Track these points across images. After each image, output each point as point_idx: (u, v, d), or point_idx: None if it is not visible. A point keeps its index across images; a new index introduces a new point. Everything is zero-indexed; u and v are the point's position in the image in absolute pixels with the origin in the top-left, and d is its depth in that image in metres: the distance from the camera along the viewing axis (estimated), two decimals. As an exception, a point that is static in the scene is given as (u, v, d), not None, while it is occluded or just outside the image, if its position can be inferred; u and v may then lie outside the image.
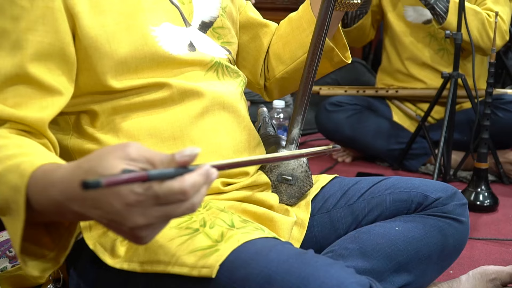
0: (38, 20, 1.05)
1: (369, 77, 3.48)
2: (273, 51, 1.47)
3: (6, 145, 0.95)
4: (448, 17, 2.49)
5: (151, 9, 1.17)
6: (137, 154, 0.78)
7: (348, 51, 1.46)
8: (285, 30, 1.45)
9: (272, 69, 1.48)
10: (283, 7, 3.62)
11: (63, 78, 1.08)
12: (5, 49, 1.04)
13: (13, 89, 1.04)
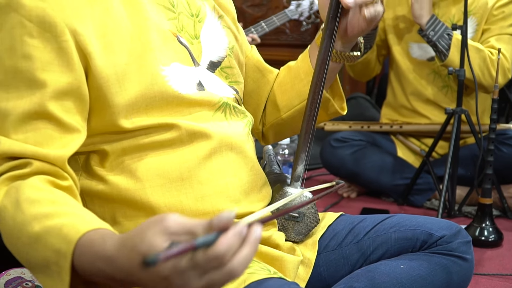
0: (53, 61, 1.06)
1: (373, 112, 3.50)
2: (271, 98, 1.50)
3: (39, 200, 0.96)
4: (450, 54, 2.52)
5: (161, 49, 1.19)
6: (177, 227, 0.79)
7: (344, 102, 1.48)
8: (284, 79, 1.48)
9: (268, 115, 1.50)
10: (287, 44, 3.66)
11: (79, 116, 1.10)
12: (20, 89, 1.05)
13: (33, 128, 1.05)
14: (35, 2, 1.06)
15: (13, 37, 1.05)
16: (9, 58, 1.05)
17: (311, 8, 3.07)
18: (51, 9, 1.07)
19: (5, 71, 1.05)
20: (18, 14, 1.06)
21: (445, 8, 2.74)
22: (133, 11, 1.18)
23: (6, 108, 1.05)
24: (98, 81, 1.11)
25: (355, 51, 1.42)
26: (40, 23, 1.06)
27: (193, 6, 1.30)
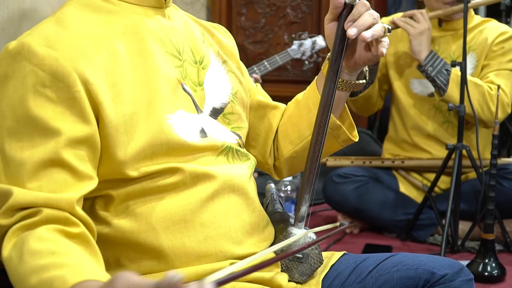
0: (65, 111, 1.08)
1: (375, 147, 3.52)
2: (282, 131, 1.51)
3: (40, 251, 0.98)
4: (449, 89, 2.55)
5: (167, 97, 1.21)
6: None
7: (355, 130, 1.49)
8: (293, 111, 1.49)
9: (281, 149, 1.51)
10: (289, 80, 3.69)
11: (91, 164, 1.12)
12: (34, 137, 1.07)
13: (48, 176, 1.07)
14: (48, 51, 1.09)
15: (25, 86, 1.07)
16: (22, 107, 1.07)
17: (313, 47, 3.11)
18: (63, 59, 1.09)
19: (18, 120, 1.07)
20: (30, 63, 1.08)
21: (445, 45, 2.78)
22: (142, 61, 1.20)
23: (22, 158, 1.06)
24: (107, 130, 1.12)
25: (360, 79, 1.43)
26: (52, 72, 1.08)
27: (197, 54, 1.32)
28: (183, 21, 1.36)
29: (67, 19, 1.18)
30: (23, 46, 1.10)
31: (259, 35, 3.74)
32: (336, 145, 1.50)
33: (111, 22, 1.22)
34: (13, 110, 1.08)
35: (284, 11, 3.64)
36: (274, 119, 1.52)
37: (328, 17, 1.35)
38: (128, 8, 1.25)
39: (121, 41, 1.20)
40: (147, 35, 1.24)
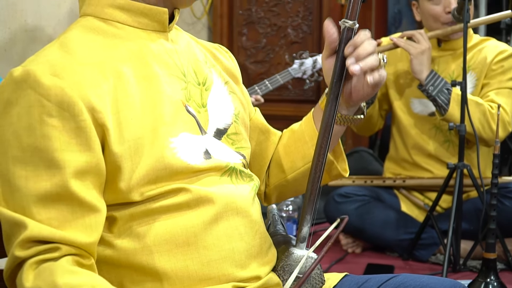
0: (71, 141, 1.08)
1: (376, 165, 3.52)
2: (275, 160, 1.51)
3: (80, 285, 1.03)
4: (450, 108, 2.56)
5: (171, 121, 1.21)
6: None
7: (346, 164, 1.50)
8: (288, 141, 1.49)
9: (272, 177, 1.51)
10: (290, 99, 3.70)
11: (97, 192, 1.13)
12: (39, 167, 1.07)
13: (56, 208, 1.08)
14: (53, 80, 1.09)
15: (31, 116, 1.08)
16: (28, 137, 1.07)
17: (314, 66, 3.12)
18: (69, 88, 1.09)
19: (23, 149, 1.08)
20: (36, 93, 1.08)
21: (445, 64, 2.79)
22: (148, 85, 1.21)
23: (27, 187, 1.07)
24: (112, 157, 1.13)
25: (358, 115, 1.43)
26: (58, 102, 1.08)
27: (200, 75, 1.33)
28: (186, 43, 1.37)
29: (72, 44, 1.19)
30: (29, 74, 1.10)
31: (260, 55, 3.76)
32: (326, 179, 1.50)
33: (116, 47, 1.22)
34: (19, 139, 1.08)
35: (285, 31, 3.67)
36: (270, 147, 1.52)
37: (325, 53, 1.34)
38: (132, 32, 1.25)
39: (127, 65, 1.20)
40: (152, 59, 1.24)
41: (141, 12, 1.26)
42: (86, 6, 1.27)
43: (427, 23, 2.78)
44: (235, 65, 1.48)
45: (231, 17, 3.81)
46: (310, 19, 3.59)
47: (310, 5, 3.58)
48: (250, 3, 3.75)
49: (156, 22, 1.27)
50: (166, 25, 1.29)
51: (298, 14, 3.62)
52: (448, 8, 2.66)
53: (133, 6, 1.25)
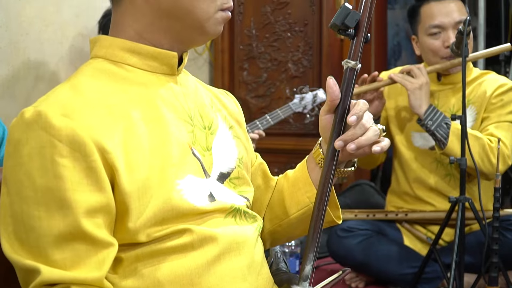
0: (82, 181, 1.10)
1: (378, 198, 3.52)
2: (270, 205, 1.52)
3: None
4: (449, 142, 2.57)
5: (179, 163, 1.23)
6: None
7: (339, 211, 1.50)
8: (283, 187, 1.50)
9: (267, 222, 1.51)
10: (291, 133, 3.72)
11: (109, 230, 1.15)
12: (52, 208, 1.09)
13: (70, 248, 1.10)
14: (64, 122, 1.10)
15: (43, 156, 1.09)
16: (40, 177, 1.09)
17: (314, 101, 3.14)
18: (80, 129, 1.11)
19: (36, 189, 1.09)
20: (48, 134, 1.10)
21: (445, 99, 2.80)
22: (156, 127, 1.22)
23: (41, 228, 1.09)
24: (121, 197, 1.14)
25: (348, 167, 1.44)
26: (70, 143, 1.10)
27: (206, 119, 1.35)
28: (194, 87, 1.39)
29: (82, 86, 1.21)
30: (40, 115, 1.11)
31: (261, 89, 3.78)
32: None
33: (126, 89, 1.24)
34: (31, 179, 1.10)
35: (286, 66, 3.69)
36: (269, 192, 1.53)
37: (324, 109, 1.35)
38: (142, 74, 1.27)
39: (136, 108, 1.22)
40: (161, 102, 1.26)
41: (151, 55, 1.28)
42: (97, 48, 1.29)
43: (426, 57, 2.80)
44: (239, 111, 1.50)
45: (232, 52, 3.85)
46: (310, 54, 3.62)
47: (310, 40, 3.61)
48: (251, 38, 3.78)
49: (165, 66, 1.29)
50: (175, 69, 1.31)
51: (298, 49, 3.65)
52: (447, 43, 2.68)
53: (144, 49, 1.27)
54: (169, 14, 1.27)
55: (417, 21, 2.81)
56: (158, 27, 1.28)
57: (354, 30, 1.29)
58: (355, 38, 1.30)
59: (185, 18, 1.27)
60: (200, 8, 1.27)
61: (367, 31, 1.31)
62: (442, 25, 2.70)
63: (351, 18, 1.28)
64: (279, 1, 3.68)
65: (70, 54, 3.10)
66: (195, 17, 1.27)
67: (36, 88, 2.96)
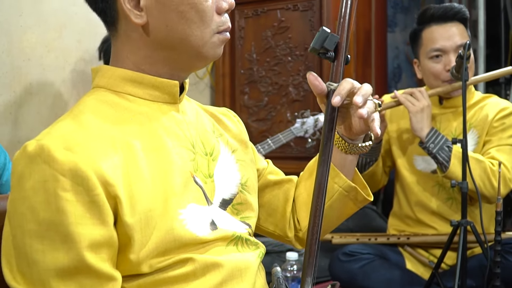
0: (85, 215, 1.10)
1: (380, 222, 3.52)
2: (300, 202, 1.53)
3: None
4: (451, 165, 2.56)
5: (180, 192, 1.23)
6: None
7: (368, 189, 1.52)
8: (308, 181, 1.52)
9: (302, 220, 1.53)
10: (292, 156, 3.72)
11: (112, 263, 1.14)
12: (55, 241, 1.09)
13: (75, 282, 1.10)
14: (67, 155, 1.11)
15: (46, 190, 1.09)
16: (44, 211, 1.09)
17: (315, 125, 3.15)
18: (83, 162, 1.11)
19: (39, 223, 1.09)
20: (50, 168, 1.10)
21: (446, 123, 2.80)
22: (159, 157, 1.23)
23: (45, 261, 1.09)
24: (124, 229, 1.14)
25: (366, 142, 1.47)
26: (72, 177, 1.10)
27: (207, 145, 1.35)
28: (195, 113, 1.39)
29: (85, 118, 1.21)
30: (43, 149, 1.12)
31: (262, 113, 3.80)
32: (353, 207, 1.53)
33: (127, 119, 1.24)
34: (35, 213, 1.10)
35: (286, 90, 3.71)
36: (289, 193, 1.54)
37: (318, 101, 1.40)
38: (143, 104, 1.28)
39: (138, 138, 1.22)
40: (162, 131, 1.26)
41: (153, 85, 1.28)
42: (98, 78, 1.30)
43: (428, 80, 2.80)
44: (243, 130, 1.51)
45: (233, 77, 3.87)
46: (311, 78, 3.62)
47: (310, 64, 3.63)
48: (252, 63, 3.80)
49: (167, 95, 1.30)
50: (177, 97, 1.32)
51: (299, 73, 3.66)
52: (448, 66, 2.68)
53: (145, 79, 1.28)
54: (165, 45, 1.28)
55: (419, 45, 2.82)
56: (155, 58, 1.29)
57: (334, 53, 1.32)
58: (335, 61, 1.32)
59: (180, 47, 1.28)
60: (195, 35, 1.27)
61: (346, 52, 1.33)
62: (443, 48, 2.71)
63: (330, 41, 1.30)
64: (279, 25, 3.70)
65: (72, 79, 3.12)
66: (191, 44, 1.28)
67: (39, 113, 2.97)
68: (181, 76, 1.33)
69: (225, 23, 1.32)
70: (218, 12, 1.30)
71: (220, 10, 1.30)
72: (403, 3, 6.18)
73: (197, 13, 1.26)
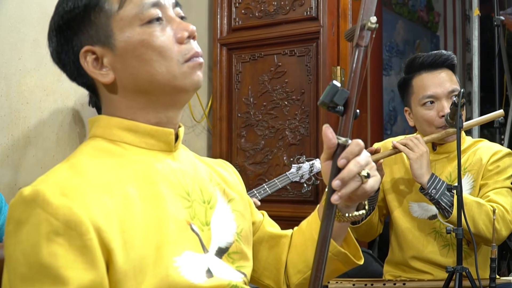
0: (77, 259, 1.11)
1: (376, 266, 3.50)
2: (290, 260, 1.54)
3: None
4: (454, 211, 2.56)
5: (176, 240, 1.24)
6: None
7: (360, 251, 1.52)
8: (299, 240, 1.53)
9: (290, 277, 1.54)
10: (288, 200, 3.73)
11: None
12: (45, 284, 1.09)
13: None
14: (62, 200, 1.12)
15: (39, 234, 1.11)
16: (35, 254, 1.10)
17: (311, 171, 3.16)
18: (77, 207, 1.12)
19: (31, 266, 1.10)
20: (44, 212, 1.11)
21: (441, 168, 2.81)
22: (153, 205, 1.24)
23: None
24: (117, 276, 1.15)
25: (360, 210, 1.45)
26: (66, 221, 1.11)
27: (205, 193, 1.37)
28: (191, 162, 1.41)
29: (81, 165, 1.23)
30: (38, 194, 1.13)
31: (259, 156, 3.81)
32: (343, 268, 1.53)
33: (123, 167, 1.26)
34: (27, 256, 1.11)
35: (283, 133, 3.73)
36: (283, 249, 1.55)
37: (323, 157, 1.37)
38: (139, 152, 1.30)
39: (133, 185, 1.24)
40: (158, 178, 1.28)
41: (148, 133, 1.30)
42: (95, 128, 1.32)
43: (421, 127, 2.82)
44: (238, 180, 1.53)
45: (230, 120, 3.89)
46: (307, 122, 3.66)
47: (307, 109, 3.65)
48: (249, 106, 3.83)
49: (162, 143, 1.32)
50: (172, 145, 1.34)
51: (295, 117, 3.69)
52: (441, 112, 2.70)
53: (140, 127, 1.30)
54: (138, 92, 1.30)
55: (410, 93, 2.84)
56: (137, 107, 1.31)
57: (343, 107, 1.30)
58: (344, 115, 1.31)
59: (153, 88, 1.30)
60: (160, 72, 1.29)
61: (356, 107, 1.32)
62: (435, 95, 2.74)
63: (340, 96, 1.29)
64: (276, 70, 3.74)
65: (71, 123, 3.14)
66: (161, 83, 1.29)
67: (36, 156, 2.98)
68: (170, 117, 1.34)
69: (190, 50, 1.32)
70: (179, 42, 1.31)
71: (180, 40, 1.31)
72: (399, 47, 6.25)
73: (155, 50, 1.28)
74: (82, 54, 1.30)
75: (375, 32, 1.31)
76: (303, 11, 3.63)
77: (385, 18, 5.60)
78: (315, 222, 1.49)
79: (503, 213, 2.55)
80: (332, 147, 1.33)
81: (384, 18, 5.44)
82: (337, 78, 3.53)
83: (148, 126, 1.31)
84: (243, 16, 3.82)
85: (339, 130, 1.33)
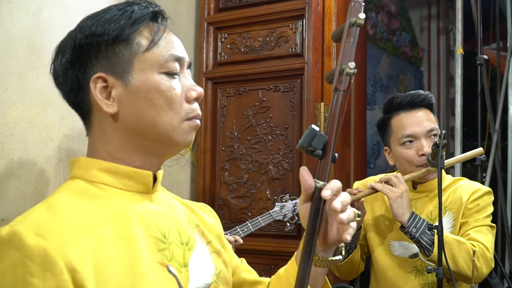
0: None
1: (358, 301, 3.52)
2: None
3: None
4: (435, 249, 2.57)
5: (152, 281, 1.25)
6: None
7: None
8: (276, 287, 1.53)
9: None
10: (272, 234, 3.73)
11: None
12: None
13: None
14: (38, 241, 1.14)
15: (15, 275, 1.12)
16: None
17: (294, 210, 3.18)
18: (52, 249, 1.14)
19: None
20: (20, 253, 1.13)
21: (422, 207, 2.83)
22: (127, 246, 1.25)
23: None
24: None
25: (336, 256, 1.46)
26: (41, 262, 1.13)
27: (183, 235, 1.38)
28: (170, 204, 1.42)
29: (59, 206, 1.25)
30: (14, 235, 1.15)
31: (242, 190, 3.82)
32: None
33: (101, 208, 1.28)
34: None
35: (266, 168, 3.75)
36: None
37: (302, 199, 1.38)
38: (117, 193, 1.31)
39: (109, 226, 1.25)
40: (134, 220, 1.30)
41: (127, 175, 1.32)
42: (75, 169, 1.34)
43: (401, 167, 2.84)
44: (218, 224, 1.54)
45: (214, 153, 3.91)
46: (291, 157, 3.68)
47: (290, 144, 3.68)
48: (233, 140, 3.85)
49: (141, 184, 1.34)
50: (150, 187, 1.35)
51: (279, 152, 3.71)
52: (421, 151, 2.73)
53: (119, 169, 1.32)
54: (135, 132, 1.32)
55: (389, 133, 2.87)
56: (127, 146, 1.33)
57: (322, 151, 1.32)
58: (323, 159, 1.32)
59: (151, 133, 1.32)
60: (164, 121, 1.32)
61: (334, 151, 1.33)
62: (414, 134, 2.77)
63: (318, 140, 1.31)
64: (260, 105, 3.77)
65: (55, 156, 3.13)
66: (161, 130, 1.32)
67: (18, 188, 2.97)
68: (154, 164, 1.37)
69: (195, 110, 1.37)
70: (187, 100, 1.35)
71: (189, 98, 1.35)
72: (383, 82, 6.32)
73: (166, 100, 1.32)
74: (94, 79, 1.33)
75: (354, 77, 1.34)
76: (288, 47, 3.66)
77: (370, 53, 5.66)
78: (293, 267, 1.50)
79: (483, 251, 2.57)
80: (310, 189, 1.34)
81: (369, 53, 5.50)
82: (320, 114, 3.56)
83: (127, 168, 1.33)
84: (228, 51, 3.86)
85: (317, 173, 1.34)
